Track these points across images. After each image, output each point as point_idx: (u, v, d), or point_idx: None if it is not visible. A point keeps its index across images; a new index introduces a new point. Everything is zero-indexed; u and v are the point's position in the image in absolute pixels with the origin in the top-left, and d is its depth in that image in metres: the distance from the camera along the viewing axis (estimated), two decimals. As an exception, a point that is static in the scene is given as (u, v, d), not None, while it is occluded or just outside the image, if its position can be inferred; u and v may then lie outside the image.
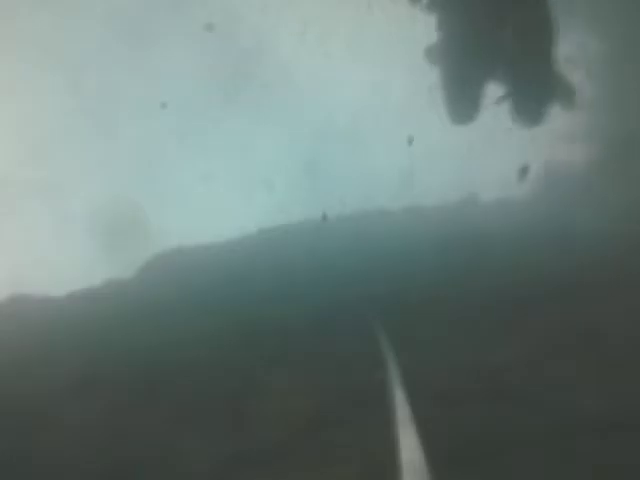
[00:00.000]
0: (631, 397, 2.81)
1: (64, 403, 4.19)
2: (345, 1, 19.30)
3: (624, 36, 10.79)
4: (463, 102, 7.38)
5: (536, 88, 7.00)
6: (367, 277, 7.63)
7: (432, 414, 2.79)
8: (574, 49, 12.43)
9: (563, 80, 7.12)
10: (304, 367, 4.25)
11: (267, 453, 2.89)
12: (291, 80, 21.19)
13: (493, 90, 7.35)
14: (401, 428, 2.46)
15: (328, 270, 8.60)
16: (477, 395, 3.17)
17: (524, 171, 5.96)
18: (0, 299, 9.28)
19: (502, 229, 9.43)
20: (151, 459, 3.07)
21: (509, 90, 7.09)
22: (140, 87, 20.93)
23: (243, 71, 20.90)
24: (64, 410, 4.03)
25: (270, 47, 21.41)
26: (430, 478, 1.98)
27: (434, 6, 7.35)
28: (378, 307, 5.69)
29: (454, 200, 14.00)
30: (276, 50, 21.34)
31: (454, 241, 8.93)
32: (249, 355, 4.83)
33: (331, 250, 10.03)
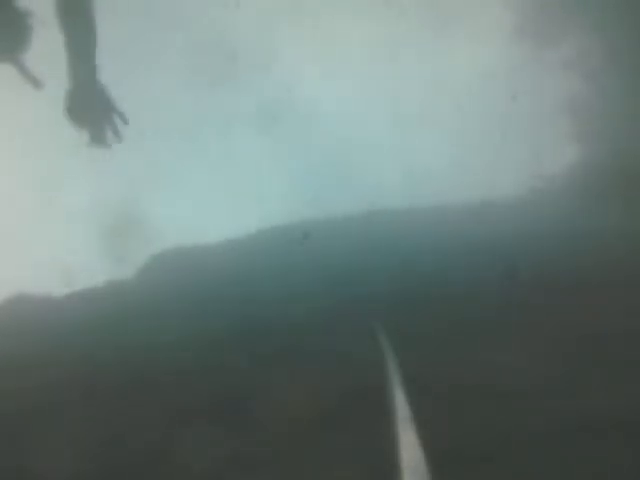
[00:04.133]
0: (631, 397, 2.81)
1: (63, 403, 4.19)
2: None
3: (625, 38, 10.81)
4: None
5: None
6: (367, 277, 7.64)
7: (432, 414, 2.79)
8: (574, 52, 12.44)
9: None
10: (304, 367, 4.25)
11: (267, 453, 2.89)
12: (291, 82, 21.21)
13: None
14: (401, 428, 2.46)
15: (328, 270, 8.60)
16: (477, 395, 3.17)
17: (510, 275, 5.77)
18: (0, 299, 9.28)
19: (502, 230, 9.43)
20: (150, 459, 3.07)
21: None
22: (141, 87, 20.95)
23: (244, 80, 20.97)
24: (63, 410, 4.04)
25: (269, 54, 21.46)
26: (430, 478, 1.98)
27: None
28: (378, 307, 5.70)
29: (454, 200, 14.00)
30: (275, 55, 21.39)
31: (454, 241, 8.94)
32: (249, 355, 4.83)
33: (331, 250, 10.04)
